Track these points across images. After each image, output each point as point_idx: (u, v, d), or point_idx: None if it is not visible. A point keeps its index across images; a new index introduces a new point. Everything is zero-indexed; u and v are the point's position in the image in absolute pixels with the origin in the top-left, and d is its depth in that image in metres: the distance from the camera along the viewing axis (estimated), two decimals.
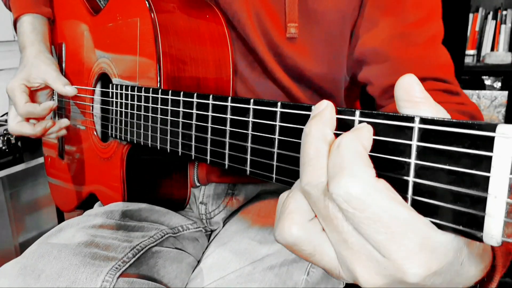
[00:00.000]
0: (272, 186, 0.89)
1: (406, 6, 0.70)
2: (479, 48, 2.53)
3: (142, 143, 0.69)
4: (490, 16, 2.52)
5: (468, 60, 2.50)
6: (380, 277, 0.31)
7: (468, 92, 2.45)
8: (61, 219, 1.80)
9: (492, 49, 2.50)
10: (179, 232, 0.81)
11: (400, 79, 0.32)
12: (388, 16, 0.70)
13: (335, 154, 0.31)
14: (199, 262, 0.79)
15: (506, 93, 2.43)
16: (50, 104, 0.91)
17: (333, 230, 0.32)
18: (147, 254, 0.69)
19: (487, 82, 2.51)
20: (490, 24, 2.52)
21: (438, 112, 0.31)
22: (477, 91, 2.43)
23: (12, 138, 1.75)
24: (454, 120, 0.27)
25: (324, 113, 0.34)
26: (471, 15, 2.51)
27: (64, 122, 0.96)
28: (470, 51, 2.51)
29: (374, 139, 0.32)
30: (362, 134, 0.32)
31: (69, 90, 0.90)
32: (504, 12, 2.49)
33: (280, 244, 0.35)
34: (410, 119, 0.30)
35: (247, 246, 0.73)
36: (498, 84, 2.51)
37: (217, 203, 0.86)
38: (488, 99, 2.44)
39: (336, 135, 0.34)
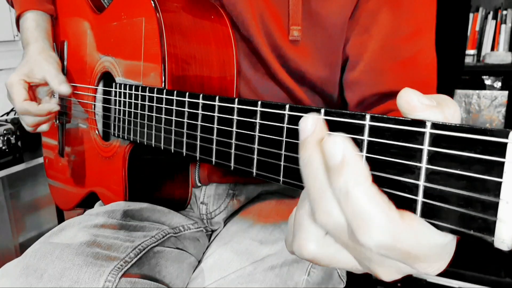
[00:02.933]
0: (273, 187, 0.89)
1: (401, 17, 0.71)
2: (479, 48, 2.53)
3: (145, 143, 0.68)
4: (490, 16, 2.52)
5: (468, 60, 2.50)
6: (400, 274, 0.34)
7: (468, 92, 2.45)
8: (61, 219, 1.80)
9: (492, 49, 2.50)
10: (180, 232, 0.81)
11: (399, 96, 0.32)
12: (382, 24, 0.71)
13: (347, 204, 0.30)
14: (200, 262, 0.79)
15: (506, 93, 2.43)
16: (49, 107, 0.91)
17: (359, 255, 0.34)
18: (148, 254, 0.69)
19: (487, 82, 2.51)
20: (490, 24, 2.52)
21: (446, 116, 0.31)
22: (477, 91, 2.44)
23: (12, 138, 1.74)
24: (466, 126, 0.28)
25: (313, 138, 0.33)
26: (471, 15, 2.51)
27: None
28: (470, 51, 2.51)
29: (385, 143, 0.32)
30: (363, 171, 0.30)
31: (63, 89, 0.89)
32: (504, 12, 2.49)
33: (298, 257, 0.36)
34: (422, 124, 0.30)
35: (248, 246, 0.73)
36: (498, 84, 2.51)
37: (218, 203, 0.86)
38: (488, 99, 2.45)
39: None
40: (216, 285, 0.69)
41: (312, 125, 0.33)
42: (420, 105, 0.31)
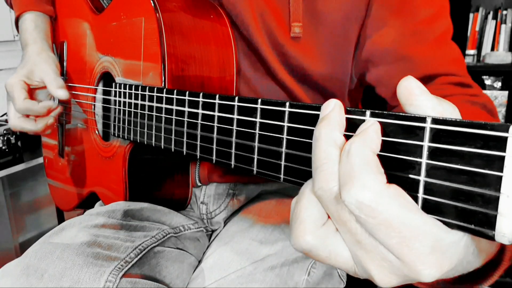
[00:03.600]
0: (273, 186, 0.89)
1: (415, 4, 0.70)
2: (479, 48, 2.53)
3: (145, 143, 0.68)
4: (490, 16, 2.53)
5: (468, 60, 2.50)
6: (394, 276, 0.32)
7: None
8: (61, 219, 1.80)
9: (492, 49, 2.50)
10: (181, 232, 0.81)
11: (399, 83, 0.32)
12: (397, 15, 0.71)
13: (345, 161, 0.31)
14: (200, 262, 0.79)
15: (506, 93, 2.44)
16: (50, 104, 0.90)
17: (347, 232, 0.33)
18: (149, 254, 0.69)
19: (487, 82, 2.52)
20: (490, 24, 2.52)
21: (445, 110, 0.31)
22: None
23: (12, 138, 1.75)
24: (466, 121, 0.28)
25: (332, 116, 0.34)
26: (471, 15, 2.52)
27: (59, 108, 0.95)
28: (470, 51, 2.51)
29: (384, 140, 0.32)
30: (370, 137, 0.32)
31: (60, 93, 0.88)
32: (504, 12, 2.49)
33: (296, 250, 0.35)
34: (422, 119, 0.30)
35: (248, 246, 0.73)
36: (498, 84, 2.51)
37: (218, 203, 0.86)
38: None
39: (346, 136, 0.34)
40: (216, 285, 0.69)
41: (334, 105, 0.35)
42: (419, 90, 0.31)
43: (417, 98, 0.31)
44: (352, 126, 0.34)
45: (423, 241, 0.29)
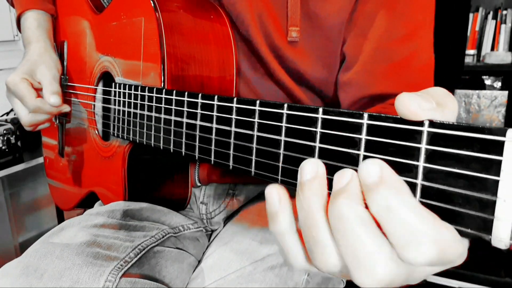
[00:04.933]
0: None
1: (397, 19, 0.71)
2: (479, 48, 2.53)
3: (145, 143, 0.68)
4: (490, 16, 2.52)
5: (468, 60, 2.50)
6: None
7: (468, 92, 2.45)
8: (61, 219, 1.80)
9: (492, 49, 2.50)
10: (180, 232, 0.81)
11: (398, 102, 0.31)
12: (378, 27, 0.71)
13: (339, 230, 0.30)
14: (199, 262, 0.79)
15: (506, 93, 2.44)
16: (61, 106, 0.89)
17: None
18: (148, 254, 0.69)
19: (487, 82, 2.51)
20: (490, 24, 2.52)
21: (446, 115, 0.31)
22: (477, 91, 2.44)
23: (12, 138, 1.75)
24: (463, 124, 0.28)
25: (317, 184, 0.33)
26: (471, 15, 2.51)
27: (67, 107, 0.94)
28: (470, 51, 2.51)
29: (383, 142, 0.32)
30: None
31: (52, 100, 0.86)
32: (504, 12, 2.49)
33: None
34: (419, 123, 0.30)
35: (247, 246, 0.73)
36: (498, 84, 2.51)
37: (217, 203, 0.86)
38: (488, 99, 2.45)
39: (347, 137, 0.34)
40: (216, 285, 0.69)
41: (312, 168, 0.34)
42: (421, 111, 0.30)
43: (420, 118, 0.31)
44: (350, 129, 0.34)
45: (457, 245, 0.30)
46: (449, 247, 0.28)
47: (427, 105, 0.30)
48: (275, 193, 0.34)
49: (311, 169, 0.33)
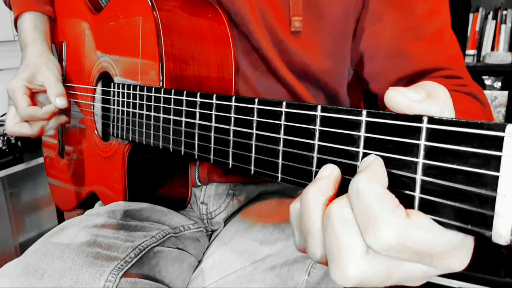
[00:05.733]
0: (273, 187, 0.89)
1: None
2: (479, 48, 2.53)
3: (144, 142, 0.68)
4: (490, 16, 2.52)
5: (468, 60, 2.50)
6: (426, 278, 0.34)
7: None
8: (61, 219, 1.81)
9: (492, 49, 2.50)
10: (181, 232, 0.81)
11: (387, 98, 0.32)
12: (395, 9, 0.70)
13: (357, 201, 0.31)
14: (200, 262, 0.79)
15: (506, 93, 2.43)
16: (52, 108, 0.90)
17: None
18: (149, 254, 0.69)
19: (487, 82, 2.51)
20: (490, 24, 2.51)
21: (441, 109, 0.31)
22: None
23: (12, 138, 1.75)
24: (462, 120, 0.28)
25: (325, 183, 0.35)
26: (471, 15, 2.51)
27: (62, 118, 0.95)
28: (470, 51, 2.51)
29: (382, 139, 0.32)
30: (376, 172, 0.31)
31: (58, 102, 0.87)
32: (504, 12, 2.49)
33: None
34: (418, 119, 0.30)
35: (248, 246, 0.73)
36: (498, 84, 2.51)
37: (218, 203, 0.86)
38: (488, 99, 2.44)
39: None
40: (216, 285, 0.69)
41: (327, 170, 0.36)
42: (411, 103, 0.31)
43: (413, 112, 0.31)
44: (349, 126, 0.34)
45: (452, 250, 0.31)
46: (413, 237, 0.29)
47: (416, 96, 0.31)
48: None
49: (327, 170, 0.35)
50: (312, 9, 0.73)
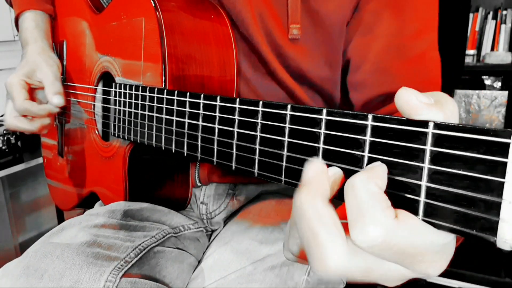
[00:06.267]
0: (273, 187, 0.89)
1: (404, 17, 0.71)
2: (479, 48, 2.53)
3: (146, 143, 0.68)
4: (490, 16, 2.52)
5: (468, 60, 2.50)
6: (401, 281, 0.34)
7: (468, 92, 2.45)
8: (61, 219, 1.80)
9: (492, 49, 2.50)
10: (181, 232, 0.81)
11: (398, 96, 0.32)
12: (386, 25, 0.71)
13: (351, 196, 0.31)
14: (200, 262, 0.79)
15: (506, 93, 2.44)
16: (50, 108, 0.90)
17: None
18: (149, 254, 0.69)
19: (487, 82, 2.51)
20: (490, 24, 2.52)
21: (446, 114, 0.31)
22: (477, 91, 2.44)
23: (12, 138, 1.75)
24: (468, 126, 0.28)
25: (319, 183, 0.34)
26: (471, 15, 2.51)
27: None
28: (470, 51, 2.51)
29: (387, 143, 0.32)
30: (376, 173, 0.32)
31: (55, 100, 0.87)
32: (504, 12, 2.49)
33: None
34: (424, 124, 0.30)
35: (248, 246, 0.73)
36: (498, 84, 2.51)
37: (218, 203, 0.86)
38: (488, 99, 2.45)
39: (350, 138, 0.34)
40: (216, 285, 0.69)
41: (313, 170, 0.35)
42: (420, 104, 0.31)
43: (419, 113, 0.31)
44: (354, 130, 0.34)
45: (433, 254, 0.31)
46: (398, 236, 0.30)
47: (425, 99, 0.31)
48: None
49: (313, 170, 0.35)
50: (311, 17, 0.73)
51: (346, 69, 0.77)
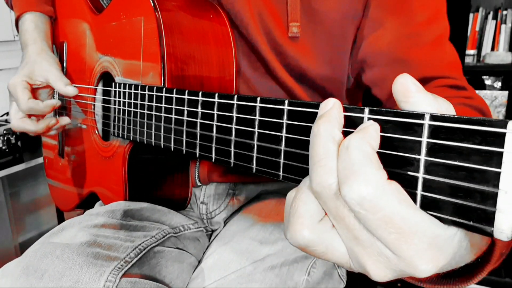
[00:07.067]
0: (273, 186, 0.89)
1: (412, 6, 0.70)
2: (479, 48, 2.52)
3: (145, 142, 0.68)
4: (490, 16, 2.52)
5: (468, 60, 2.49)
6: (390, 271, 0.32)
7: None
8: (61, 219, 1.81)
9: (492, 49, 2.49)
10: (181, 232, 0.81)
11: (395, 80, 0.32)
12: (395, 16, 0.70)
13: (344, 155, 0.31)
14: (200, 262, 0.79)
15: (506, 93, 2.43)
16: (53, 102, 0.92)
17: (344, 228, 0.33)
18: (149, 254, 0.69)
19: (487, 82, 2.51)
20: (490, 24, 2.51)
21: (440, 106, 0.31)
22: (477, 91, 2.42)
23: (12, 138, 1.75)
24: (464, 117, 0.28)
25: (331, 112, 0.34)
26: (471, 15, 2.51)
27: (66, 120, 0.96)
28: (470, 51, 2.50)
29: (384, 136, 0.32)
30: (369, 134, 0.32)
31: (70, 90, 0.89)
32: (504, 12, 2.49)
33: (292, 245, 0.36)
34: (420, 116, 0.30)
35: (248, 246, 0.73)
36: (498, 84, 2.51)
37: (218, 203, 0.86)
38: (488, 99, 2.44)
39: (344, 132, 0.34)
40: (216, 285, 0.69)
41: (334, 103, 0.35)
42: (415, 87, 0.31)
43: (413, 95, 0.31)
44: (351, 124, 0.34)
45: (421, 237, 0.30)
46: (388, 200, 0.29)
47: (419, 86, 0.32)
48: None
49: (329, 104, 0.35)
50: (311, 15, 0.73)
51: (361, 72, 0.76)
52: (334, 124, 0.33)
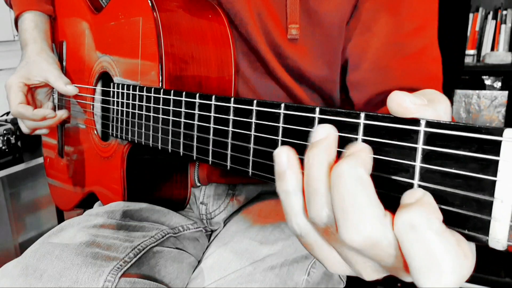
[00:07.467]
0: (273, 187, 0.88)
1: (402, 14, 0.70)
2: (479, 48, 2.52)
3: (143, 143, 0.68)
4: (490, 16, 2.52)
5: (468, 60, 2.49)
6: (384, 273, 0.33)
7: (468, 92, 2.45)
8: (61, 219, 1.81)
9: (492, 49, 2.49)
10: (180, 232, 0.81)
11: (390, 99, 0.32)
12: (384, 22, 0.70)
13: (336, 185, 0.30)
14: (199, 262, 0.79)
15: (506, 93, 2.43)
16: (45, 113, 0.91)
17: (340, 253, 0.34)
18: (148, 254, 0.69)
19: (487, 82, 2.51)
20: (490, 24, 2.51)
21: (438, 114, 0.31)
22: (477, 91, 2.43)
23: (12, 138, 1.75)
24: (460, 124, 0.27)
25: (327, 143, 0.33)
26: (471, 15, 2.51)
27: (64, 112, 0.96)
28: (470, 51, 2.50)
29: (379, 142, 0.32)
30: (361, 160, 0.31)
31: (70, 89, 0.89)
32: (504, 12, 2.49)
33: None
34: (416, 122, 0.30)
35: (247, 246, 0.73)
36: (498, 84, 2.51)
37: (217, 204, 0.86)
38: (488, 99, 2.44)
39: (340, 137, 0.34)
40: (215, 285, 0.69)
41: (324, 131, 0.34)
42: (413, 106, 0.31)
43: (412, 114, 0.31)
44: (346, 128, 0.34)
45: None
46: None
47: (418, 101, 0.31)
48: (284, 153, 0.35)
49: (324, 132, 0.34)
50: (310, 17, 0.73)
51: (345, 69, 0.77)
52: (329, 155, 0.33)
